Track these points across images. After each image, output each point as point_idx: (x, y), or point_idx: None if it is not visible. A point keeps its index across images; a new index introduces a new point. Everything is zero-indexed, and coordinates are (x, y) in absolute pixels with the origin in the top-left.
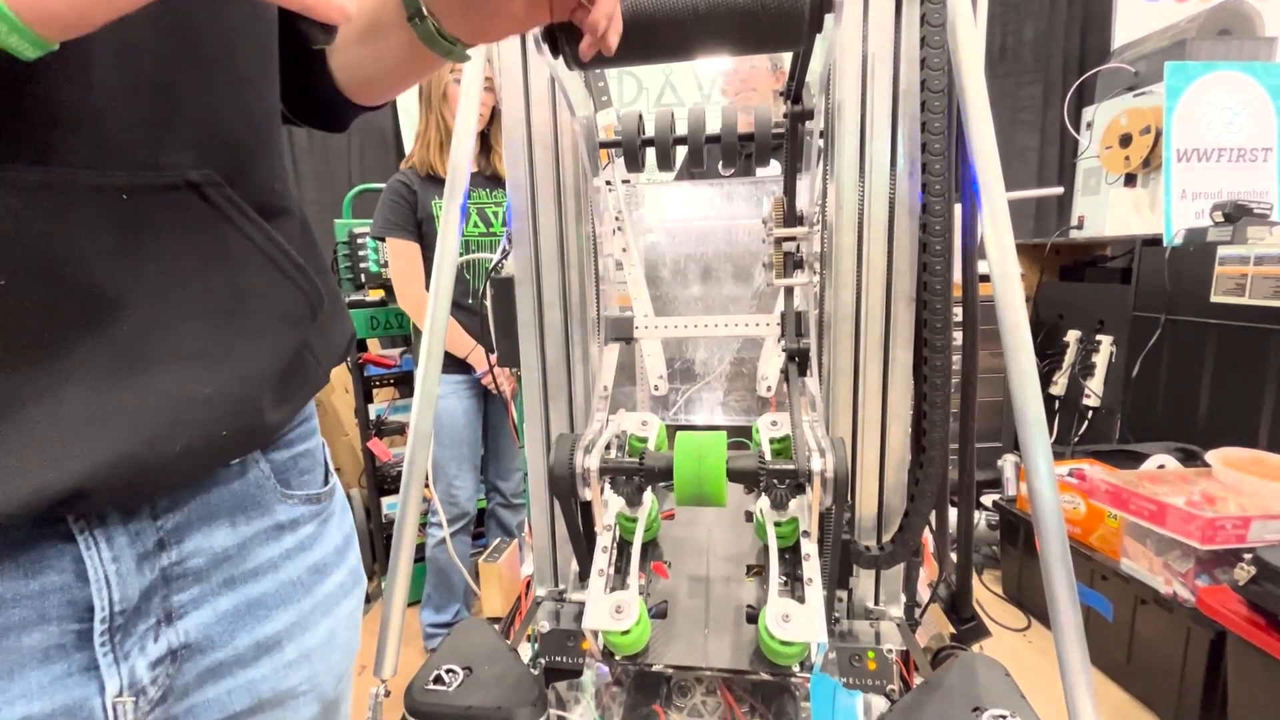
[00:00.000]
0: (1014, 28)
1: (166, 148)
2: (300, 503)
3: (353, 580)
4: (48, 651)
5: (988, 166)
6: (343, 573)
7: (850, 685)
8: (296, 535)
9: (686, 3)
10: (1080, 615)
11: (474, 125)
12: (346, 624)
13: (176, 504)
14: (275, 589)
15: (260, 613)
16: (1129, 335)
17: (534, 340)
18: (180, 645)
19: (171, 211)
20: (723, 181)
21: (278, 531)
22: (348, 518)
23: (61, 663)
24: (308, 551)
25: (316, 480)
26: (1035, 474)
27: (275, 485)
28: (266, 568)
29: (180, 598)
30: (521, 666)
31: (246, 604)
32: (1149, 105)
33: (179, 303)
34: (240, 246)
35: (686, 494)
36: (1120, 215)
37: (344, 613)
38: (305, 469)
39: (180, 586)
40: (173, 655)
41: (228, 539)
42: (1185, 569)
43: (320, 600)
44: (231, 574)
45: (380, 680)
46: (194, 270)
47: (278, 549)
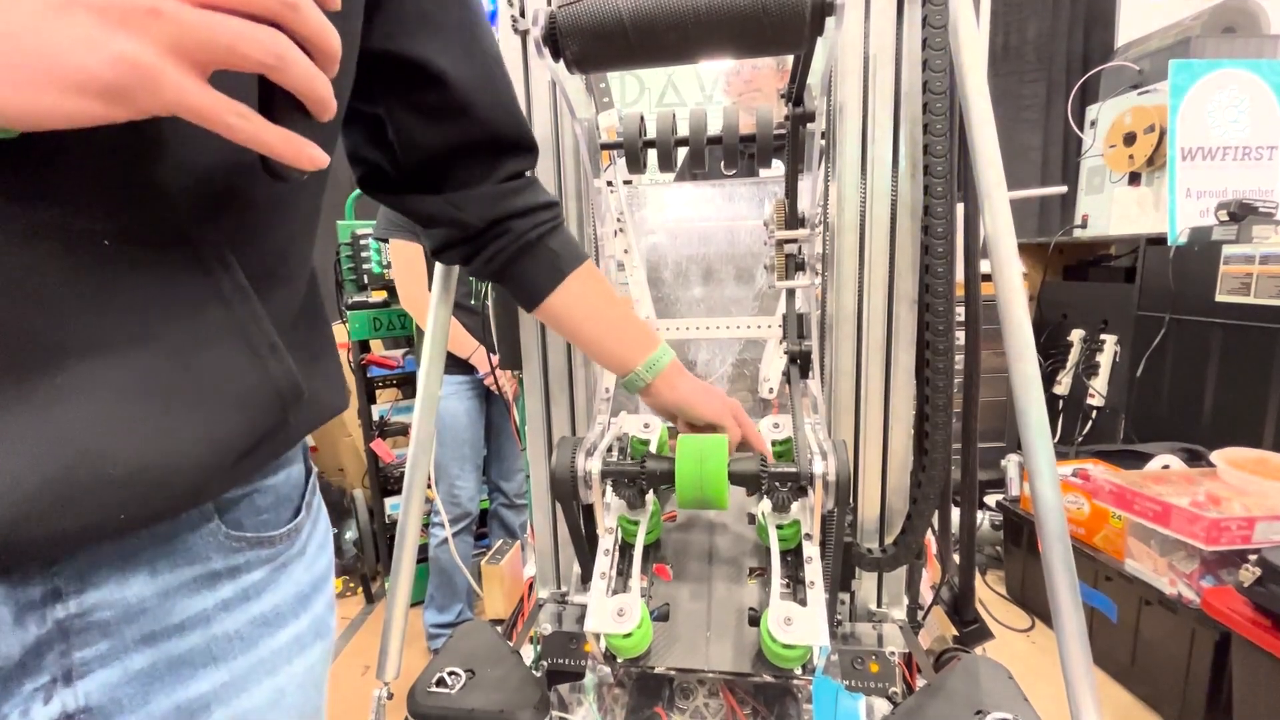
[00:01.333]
0: (1017, 26)
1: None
2: (248, 546)
3: (314, 633)
4: None
5: (990, 167)
6: (301, 624)
7: (853, 688)
8: (237, 583)
9: (688, 6)
10: (1083, 617)
11: None
12: (301, 683)
13: (78, 549)
14: (204, 645)
15: (183, 672)
16: (1133, 334)
17: (536, 342)
18: (79, 709)
19: (153, 265)
20: (724, 182)
21: (212, 580)
22: (324, 557)
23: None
24: (252, 601)
25: (280, 518)
26: (1037, 476)
27: (218, 526)
28: (196, 621)
29: (83, 654)
30: (524, 669)
31: (167, 662)
32: (1153, 103)
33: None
34: (215, 316)
35: (688, 497)
36: (1124, 214)
37: (297, 671)
38: (264, 507)
39: (83, 641)
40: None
41: (145, 588)
42: (1190, 570)
43: (265, 657)
44: (151, 629)
45: (383, 682)
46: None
47: (211, 599)
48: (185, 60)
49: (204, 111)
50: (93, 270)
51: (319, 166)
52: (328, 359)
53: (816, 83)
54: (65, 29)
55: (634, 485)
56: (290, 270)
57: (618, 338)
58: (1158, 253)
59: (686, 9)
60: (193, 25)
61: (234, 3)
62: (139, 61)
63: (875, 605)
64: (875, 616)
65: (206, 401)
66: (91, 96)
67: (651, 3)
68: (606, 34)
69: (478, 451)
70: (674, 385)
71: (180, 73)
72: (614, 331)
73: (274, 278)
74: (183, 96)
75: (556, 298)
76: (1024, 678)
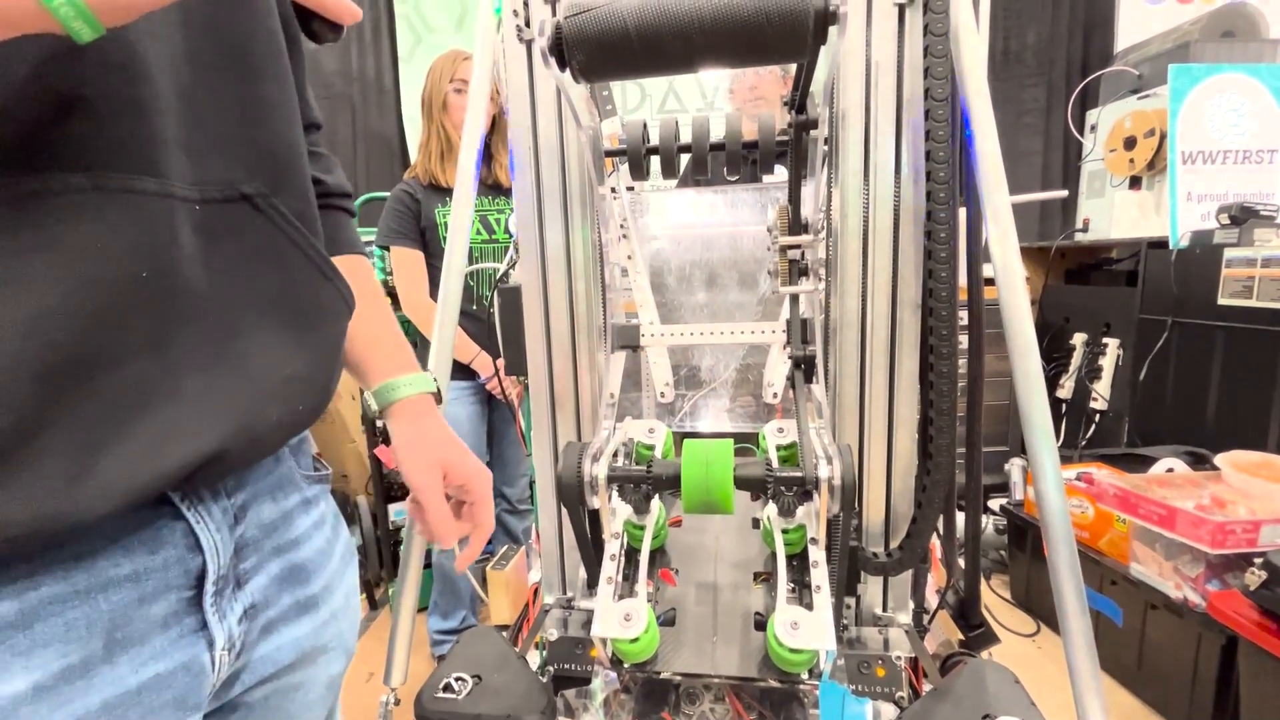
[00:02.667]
0: (1016, 31)
1: (226, 165)
2: (314, 481)
3: (350, 552)
4: (167, 619)
5: (992, 172)
6: (342, 544)
7: (859, 692)
8: (318, 510)
9: (692, 16)
10: (1089, 621)
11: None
12: (353, 590)
13: (240, 484)
14: (310, 556)
15: (301, 576)
16: (1136, 338)
17: (541, 349)
18: (249, 605)
19: (231, 220)
20: (727, 188)
21: (305, 506)
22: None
23: (177, 626)
24: (324, 525)
25: (310, 463)
26: (1042, 478)
27: (295, 465)
28: (302, 538)
29: (245, 565)
30: (530, 674)
31: (290, 569)
32: (1153, 108)
33: (250, 299)
34: (288, 251)
35: (694, 502)
36: (1126, 218)
37: (350, 578)
38: (306, 452)
39: (244, 555)
40: (246, 613)
41: (272, 513)
42: (1195, 573)
43: (336, 567)
44: (278, 543)
45: (390, 689)
46: (255, 271)
47: (307, 521)
48: None
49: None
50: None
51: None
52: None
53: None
54: None
55: (640, 490)
56: (313, 209)
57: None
58: (1159, 256)
59: (691, 19)
60: None
61: None
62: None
63: (881, 609)
64: (881, 621)
65: (317, 326)
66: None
67: (656, 13)
68: (612, 44)
69: (480, 457)
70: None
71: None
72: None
73: (306, 216)
74: None
75: None
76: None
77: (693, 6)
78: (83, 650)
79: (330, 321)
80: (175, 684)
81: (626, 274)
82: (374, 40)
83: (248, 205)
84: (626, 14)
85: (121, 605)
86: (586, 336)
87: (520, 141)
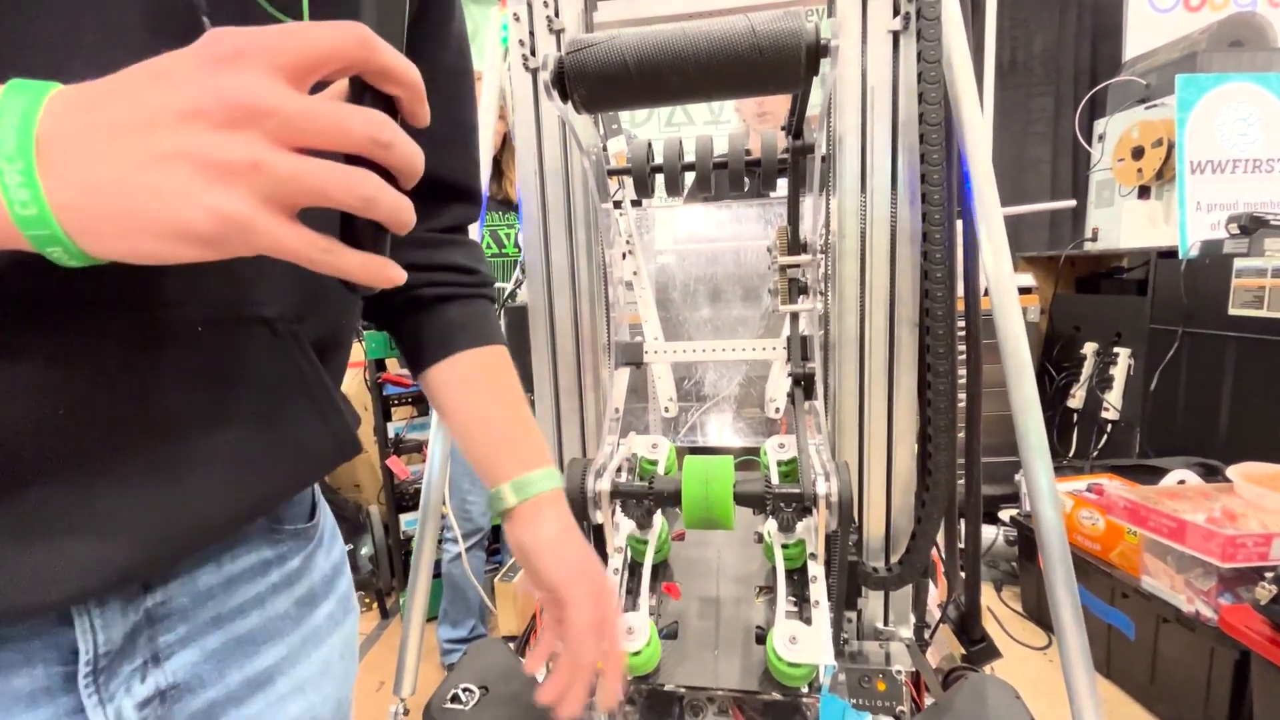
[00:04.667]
0: (1023, 40)
1: (246, 282)
2: (288, 538)
3: (343, 610)
4: (34, 694)
5: (986, 194)
6: (332, 602)
7: (860, 706)
8: (282, 569)
9: (689, 51)
10: (1086, 636)
11: (489, 155)
12: (341, 653)
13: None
14: (262, 624)
15: (249, 649)
16: (1147, 348)
17: (547, 366)
18: (169, 685)
19: (239, 345)
20: (732, 203)
21: (263, 568)
22: (337, 545)
23: (48, 706)
24: (294, 585)
25: (303, 514)
26: (1038, 496)
27: (265, 521)
28: (253, 604)
29: (167, 638)
30: (536, 685)
31: (234, 641)
32: (1160, 118)
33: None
34: (292, 386)
35: (695, 517)
36: (1135, 227)
37: (337, 642)
38: (294, 502)
39: (166, 627)
40: (161, 696)
41: (212, 578)
42: (1207, 587)
43: (310, 632)
44: (218, 612)
45: (399, 698)
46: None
47: (264, 584)
48: (277, 205)
49: (293, 252)
50: (191, 353)
51: (396, 284)
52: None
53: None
54: (165, 180)
55: (642, 505)
56: (344, 336)
57: (493, 440)
58: (1169, 266)
59: (688, 53)
60: (290, 175)
61: (329, 143)
62: (236, 215)
63: (882, 624)
64: (882, 635)
65: (285, 461)
66: (186, 243)
67: (654, 48)
68: (612, 77)
69: None
70: (536, 522)
71: (271, 218)
72: (491, 433)
73: (333, 345)
74: (274, 242)
75: (438, 371)
76: (1041, 696)
77: (689, 41)
78: None
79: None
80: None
81: (631, 288)
82: None
83: (264, 329)
84: (626, 49)
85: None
86: (591, 354)
87: (526, 165)
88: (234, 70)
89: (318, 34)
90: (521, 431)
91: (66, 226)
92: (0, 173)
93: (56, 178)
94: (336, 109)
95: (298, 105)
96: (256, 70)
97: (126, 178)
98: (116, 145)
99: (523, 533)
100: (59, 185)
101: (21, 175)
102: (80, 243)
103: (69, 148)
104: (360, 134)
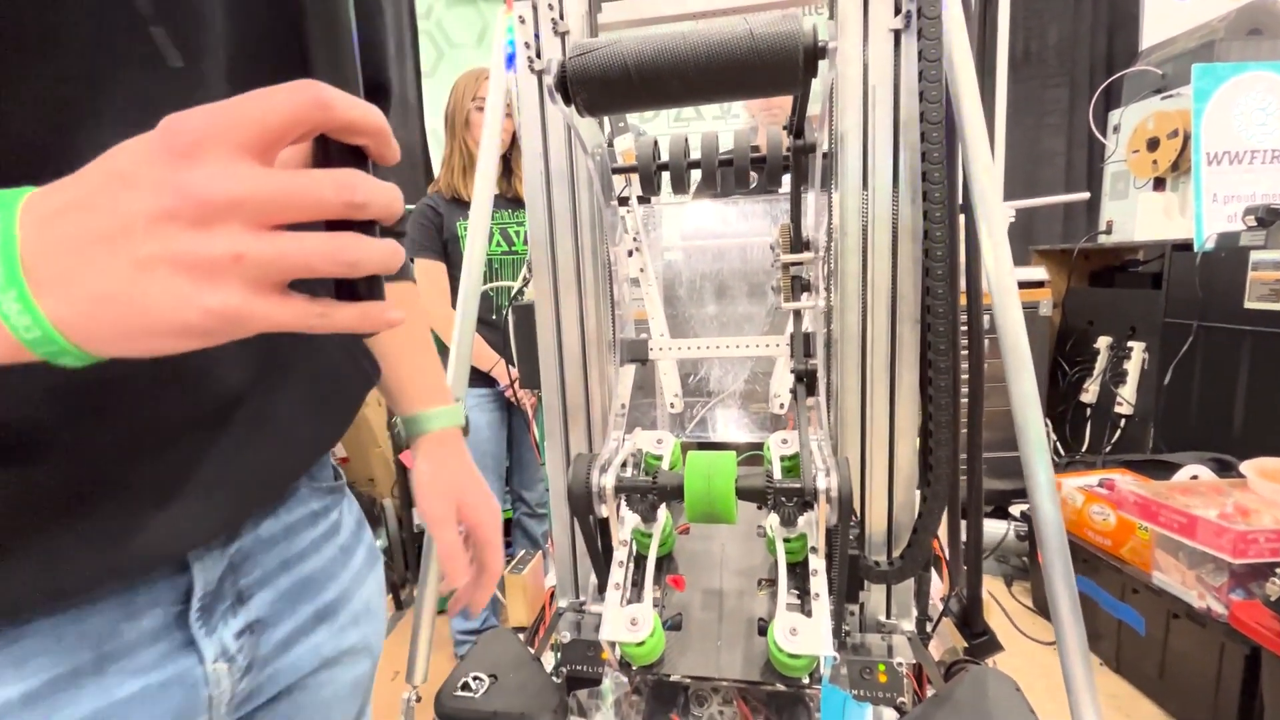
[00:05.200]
0: (1037, 30)
1: None
2: (324, 493)
3: (373, 556)
4: (156, 631)
5: (988, 192)
6: (364, 550)
7: (860, 697)
8: (328, 520)
9: (688, 55)
10: (1084, 631)
11: (496, 155)
12: (376, 592)
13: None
14: (320, 566)
15: (313, 587)
16: (1161, 342)
17: (554, 363)
18: (254, 620)
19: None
20: (739, 199)
21: (313, 518)
22: (355, 504)
23: (167, 640)
24: (337, 534)
25: (329, 474)
26: (1036, 491)
27: (308, 479)
28: (309, 550)
29: (247, 580)
30: (543, 674)
31: (301, 581)
32: (1176, 108)
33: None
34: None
35: (697, 512)
36: (1150, 220)
37: (373, 582)
38: (322, 464)
39: (245, 571)
40: (249, 629)
41: (274, 528)
42: (1219, 583)
43: (354, 574)
44: (284, 557)
45: (412, 686)
46: (291, 360)
47: (316, 533)
48: (266, 287)
49: (289, 325)
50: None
51: (393, 326)
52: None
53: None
54: (153, 286)
55: (646, 499)
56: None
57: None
58: (1184, 259)
59: (687, 57)
60: (274, 258)
61: (305, 216)
62: (227, 309)
63: (884, 616)
64: (884, 628)
65: (337, 403)
66: (187, 338)
67: (654, 53)
68: (613, 81)
69: (499, 462)
70: (425, 457)
71: (262, 301)
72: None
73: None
74: (268, 322)
75: None
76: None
77: (689, 46)
78: (72, 661)
79: (350, 399)
80: (169, 696)
81: (638, 284)
82: (398, 56)
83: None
84: (627, 54)
85: (110, 619)
86: (597, 351)
87: (532, 166)
88: (196, 163)
89: (273, 104)
90: (425, 370)
91: (72, 338)
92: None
93: (51, 297)
94: (307, 182)
95: (269, 188)
96: (220, 158)
97: (116, 290)
98: (98, 256)
99: (415, 463)
100: (54, 304)
101: (18, 303)
102: (88, 349)
103: (55, 266)
104: (334, 201)
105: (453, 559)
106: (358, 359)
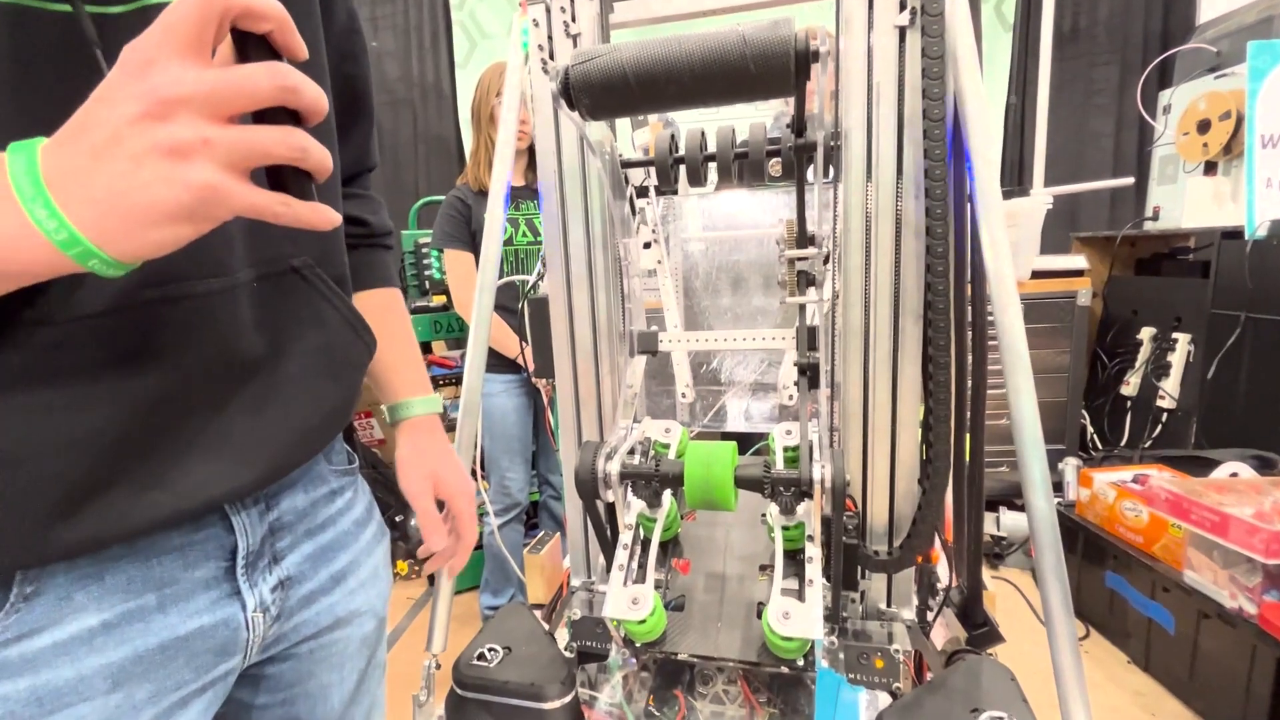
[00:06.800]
0: (1087, 6)
1: (279, 242)
2: (341, 474)
3: (381, 532)
4: (207, 581)
5: (989, 189)
6: (373, 526)
7: (855, 681)
8: (343, 498)
9: (683, 62)
10: (1074, 627)
11: (510, 157)
12: (383, 563)
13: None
14: (336, 537)
15: (330, 554)
16: (1207, 333)
17: (566, 355)
18: (285, 577)
19: (282, 290)
20: (758, 190)
21: (332, 496)
22: (366, 487)
23: (217, 589)
24: (351, 510)
25: (344, 458)
26: (1031, 487)
27: (325, 460)
28: (328, 522)
29: (280, 544)
30: (554, 648)
31: (321, 549)
32: (1230, 88)
33: (295, 356)
34: (328, 313)
35: (697, 499)
36: (1199, 205)
37: (380, 554)
38: (338, 450)
39: (279, 536)
40: (282, 584)
41: (303, 502)
42: (1253, 583)
43: (364, 546)
44: (309, 527)
45: (432, 654)
46: (300, 332)
47: (333, 508)
48: (236, 171)
49: (261, 208)
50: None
51: (335, 225)
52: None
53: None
54: (147, 174)
55: (650, 486)
56: (346, 273)
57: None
58: (1234, 247)
59: (682, 64)
60: (236, 142)
61: (249, 104)
62: (208, 182)
63: (885, 605)
64: (885, 616)
65: (346, 370)
66: (180, 221)
67: (651, 60)
68: (613, 88)
69: (526, 445)
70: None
71: (237, 182)
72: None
73: (341, 279)
74: (244, 201)
75: None
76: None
77: (683, 52)
78: (140, 600)
79: (357, 367)
80: (217, 635)
81: (654, 275)
82: (432, 46)
83: (296, 276)
84: (625, 61)
85: (170, 569)
86: (608, 343)
87: (546, 164)
88: (151, 71)
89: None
90: (408, 363)
91: (92, 239)
92: (30, 212)
93: (70, 203)
94: (242, 72)
95: (211, 80)
96: (167, 63)
97: (117, 183)
98: (100, 163)
99: (398, 445)
100: (75, 208)
101: (45, 209)
102: (107, 250)
103: (69, 178)
104: (270, 86)
105: (430, 528)
106: (359, 332)
